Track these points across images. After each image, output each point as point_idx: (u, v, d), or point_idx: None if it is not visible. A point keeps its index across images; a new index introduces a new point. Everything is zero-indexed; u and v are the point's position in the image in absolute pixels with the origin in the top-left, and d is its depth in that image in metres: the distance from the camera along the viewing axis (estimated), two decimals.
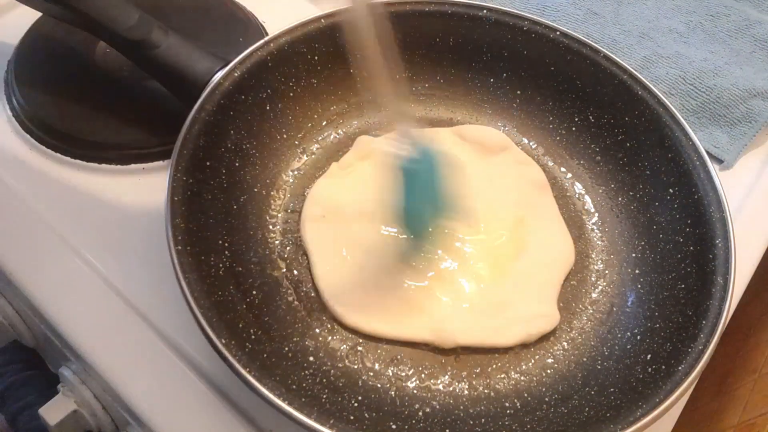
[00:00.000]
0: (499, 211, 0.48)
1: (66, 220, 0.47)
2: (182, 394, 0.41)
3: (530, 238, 0.47)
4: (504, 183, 0.50)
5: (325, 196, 0.48)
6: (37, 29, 0.57)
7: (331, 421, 0.34)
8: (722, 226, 0.43)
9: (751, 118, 0.57)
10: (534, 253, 0.47)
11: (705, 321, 0.39)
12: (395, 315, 0.43)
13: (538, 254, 0.47)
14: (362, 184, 0.48)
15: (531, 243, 0.47)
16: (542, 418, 0.39)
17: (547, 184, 0.50)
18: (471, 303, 0.44)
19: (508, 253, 0.46)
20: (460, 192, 0.43)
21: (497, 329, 0.43)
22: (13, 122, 0.52)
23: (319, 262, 0.45)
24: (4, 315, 0.49)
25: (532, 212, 0.49)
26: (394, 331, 0.42)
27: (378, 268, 0.45)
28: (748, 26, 0.64)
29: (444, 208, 0.43)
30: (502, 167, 0.51)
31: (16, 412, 0.56)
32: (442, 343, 0.42)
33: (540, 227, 0.48)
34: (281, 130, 0.50)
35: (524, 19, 0.52)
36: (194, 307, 0.37)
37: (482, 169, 0.51)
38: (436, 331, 0.42)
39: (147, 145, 0.51)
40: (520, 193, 0.50)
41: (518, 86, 0.54)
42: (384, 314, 0.43)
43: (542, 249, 0.47)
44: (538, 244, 0.47)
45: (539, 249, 0.47)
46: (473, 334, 0.42)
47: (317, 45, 0.51)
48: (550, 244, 0.47)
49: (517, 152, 0.52)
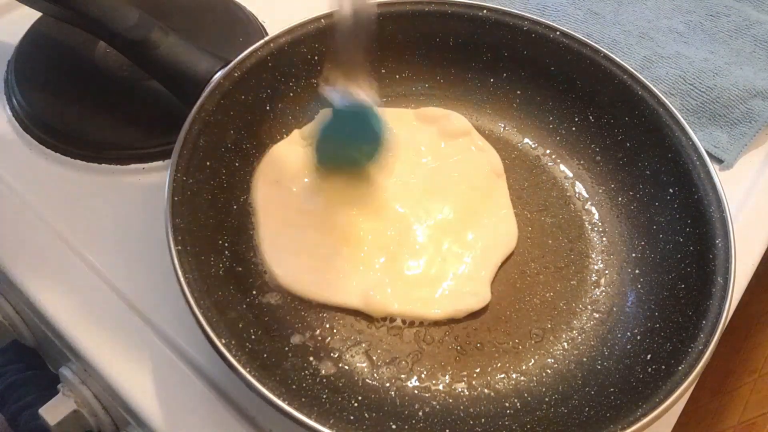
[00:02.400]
0: (450, 191, 0.49)
1: (66, 220, 0.47)
2: (182, 394, 0.41)
3: (475, 219, 0.48)
4: (459, 166, 0.51)
5: (283, 161, 0.48)
6: (37, 29, 0.57)
7: (331, 421, 0.35)
8: (722, 226, 0.43)
9: (751, 118, 0.57)
10: (476, 234, 0.47)
11: (705, 321, 0.39)
12: (328, 280, 0.44)
13: (479, 235, 0.47)
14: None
15: (475, 224, 0.48)
16: (542, 418, 0.39)
17: (503, 172, 0.51)
18: (404, 274, 0.45)
19: (450, 231, 0.47)
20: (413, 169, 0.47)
21: (427, 301, 0.44)
22: (13, 122, 0.52)
23: (264, 225, 0.45)
24: (4, 315, 0.49)
25: (483, 196, 0.49)
26: (325, 296, 0.43)
27: (320, 236, 0.45)
28: (748, 26, 0.64)
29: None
30: (460, 151, 0.52)
31: (16, 412, 0.56)
32: (371, 311, 0.43)
33: (487, 211, 0.49)
34: (281, 130, 0.50)
35: (524, 19, 0.52)
36: (194, 307, 0.37)
37: (439, 151, 0.51)
38: (366, 298, 0.43)
39: (147, 145, 0.51)
40: (473, 179, 0.50)
41: (518, 86, 0.54)
42: (317, 279, 0.44)
43: (485, 231, 0.48)
44: (482, 225, 0.48)
45: (482, 230, 0.48)
46: (402, 304, 0.43)
47: (317, 45, 0.51)
48: (494, 226, 0.48)
49: (477, 137, 0.52)
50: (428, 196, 0.49)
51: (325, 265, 0.44)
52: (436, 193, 0.49)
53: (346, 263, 0.45)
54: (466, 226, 0.48)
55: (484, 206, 0.49)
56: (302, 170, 0.48)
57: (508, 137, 0.53)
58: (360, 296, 0.43)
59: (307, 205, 0.47)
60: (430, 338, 0.43)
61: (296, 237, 0.45)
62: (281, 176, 0.47)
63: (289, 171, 0.48)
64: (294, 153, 0.49)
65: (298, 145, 0.50)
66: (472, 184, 0.50)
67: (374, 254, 0.45)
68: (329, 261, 0.45)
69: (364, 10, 0.40)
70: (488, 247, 0.47)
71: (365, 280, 0.44)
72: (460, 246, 0.47)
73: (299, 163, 0.48)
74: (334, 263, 0.45)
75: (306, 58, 0.50)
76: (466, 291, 0.45)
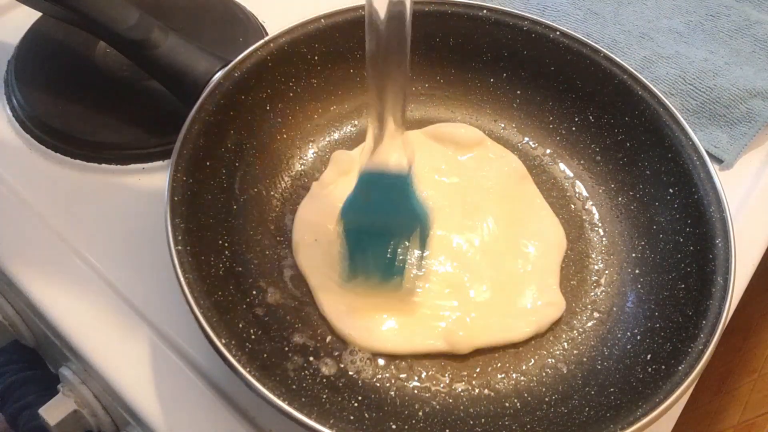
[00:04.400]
0: (485, 208, 0.48)
1: (66, 220, 0.47)
2: (182, 394, 0.41)
3: (520, 229, 0.48)
4: (485, 179, 0.50)
5: (312, 220, 0.46)
6: (37, 29, 0.57)
7: (331, 421, 0.34)
8: (722, 226, 0.43)
9: (751, 118, 0.57)
10: (528, 244, 0.47)
11: (705, 321, 0.39)
12: (406, 331, 0.42)
13: (531, 244, 0.47)
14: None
15: (522, 234, 0.47)
16: (542, 418, 0.39)
17: (527, 173, 0.51)
18: (477, 305, 0.44)
19: (503, 249, 0.47)
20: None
21: (508, 326, 0.43)
22: (13, 122, 0.52)
23: (320, 288, 0.44)
24: (4, 315, 0.49)
25: (518, 203, 0.49)
26: (409, 347, 0.42)
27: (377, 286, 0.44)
28: (748, 26, 0.64)
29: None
30: (480, 162, 0.51)
31: (16, 412, 0.56)
32: (458, 350, 0.42)
33: (528, 217, 0.48)
34: (281, 130, 0.50)
35: (524, 19, 0.52)
36: (194, 307, 0.37)
37: (460, 166, 0.51)
38: (450, 339, 0.42)
39: (147, 145, 0.51)
40: (503, 187, 0.50)
41: (518, 86, 0.54)
42: (395, 332, 0.42)
43: (534, 238, 0.47)
44: (530, 234, 0.47)
45: (532, 239, 0.47)
46: (487, 335, 0.42)
47: (317, 45, 0.51)
48: (541, 231, 0.48)
49: (493, 145, 0.52)
50: (468, 216, 0.48)
51: (396, 316, 0.43)
52: (474, 211, 0.48)
53: (416, 308, 0.43)
54: (516, 236, 0.47)
55: (523, 212, 0.48)
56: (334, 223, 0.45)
57: (508, 137, 0.53)
58: (443, 339, 0.42)
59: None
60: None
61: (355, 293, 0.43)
62: (317, 235, 0.46)
63: (322, 227, 0.46)
64: (319, 207, 0.47)
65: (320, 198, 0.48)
66: (504, 193, 0.49)
67: (440, 291, 0.44)
68: (399, 310, 0.43)
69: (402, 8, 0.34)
70: (544, 253, 0.46)
71: (441, 321, 0.43)
72: (519, 259, 0.46)
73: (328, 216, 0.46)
74: (403, 311, 0.43)
75: (306, 58, 0.50)
76: (542, 303, 0.44)
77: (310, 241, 0.45)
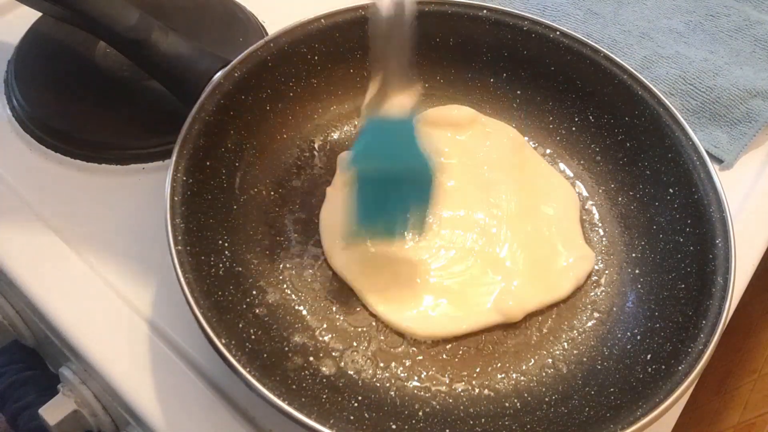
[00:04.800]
0: (497, 181, 0.50)
1: (66, 220, 0.47)
2: (182, 394, 0.41)
3: (535, 194, 0.49)
4: (488, 153, 0.51)
5: (337, 224, 0.46)
6: (37, 29, 0.57)
7: (331, 421, 0.35)
8: (722, 226, 0.43)
9: (751, 118, 0.57)
10: (544, 206, 0.49)
11: (705, 321, 0.39)
12: (460, 311, 0.44)
13: (549, 206, 0.49)
14: None
15: (538, 198, 0.49)
16: (542, 418, 0.39)
17: (524, 141, 0.52)
18: (517, 273, 0.45)
19: (524, 216, 0.48)
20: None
21: (551, 286, 0.45)
22: (13, 122, 0.52)
23: (368, 291, 0.44)
24: (4, 315, 0.49)
25: (525, 171, 0.51)
26: (468, 326, 0.43)
27: (420, 274, 0.45)
28: (748, 26, 0.64)
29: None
30: (479, 139, 0.52)
31: (16, 412, 0.56)
32: (512, 318, 0.43)
33: (538, 182, 0.50)
34: (281, 130, 0.50)
35: (524, 19, 0.52)
36: (194, 307, 0.37)
37: (461, 146, 0.52)
38: (502, 309, 0.43)
39: (147, 145, 0.51)
40: (507, 157, 0.51)
41: (518, 86, 0.54)
42: (451, 315, 0.43)
43: (550, 200, 0.49)
44: (544, 197, 0.49)
45: (548, 201, 0.49)
46: (534, 298, 0.44)
47: (317, 45, 0.51)
48: (554, 192, 0.50)
49: (487, 120, 0.53)
50: (483, 192, 0.49)
51: (447, 299, 0.44)
52: (486, 185, 0.49)
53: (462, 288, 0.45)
54: (533, 201, 0.49)
55: (532, 178, 0.50)
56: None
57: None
58: (495, 311, 0.43)
59: (388, 250, 0.45)
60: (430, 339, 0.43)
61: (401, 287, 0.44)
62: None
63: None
64: (340, 211, 0.47)
65: (336, 201, 0.48)
66: (509, 162, 0.51)
67: (480, 268, 0.45)
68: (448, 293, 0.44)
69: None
70: (563, 212, 0.49)
71: (488, 294, 0.44)
72: (541, 222, 0.48)
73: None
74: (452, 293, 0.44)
75: (306, 58, 0.50)
76: (573, 259, 0.46)
77: (342, 246, 0.46)
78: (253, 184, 0.47)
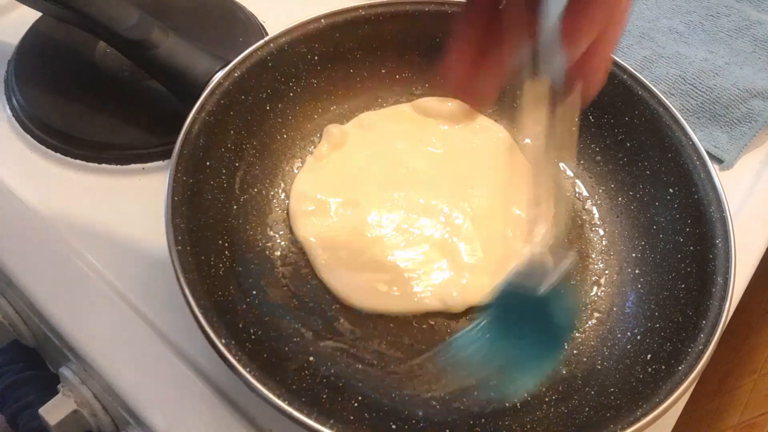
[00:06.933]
0: (474, 177, 0.50)
1: (66, 220, 0.47)
2: (182, 394, 0.41)
3: (510, 196, 0.49)
4: (473, 149, 0.52)
5: (309, 190, 0.48)
6: (37, 29, 0.57)
7: (331, 421, 0.34)
8: (722, 226, 0.43)
9: (751, 118, 0.57)
10: (516, 209, 0.49)
11: (705, 321, 0.39)
12: (402, 291, 0.44)
13: (521, 209, 0.48)
14: (341, 173, 0.50)
15: (512, 201, 0.49)
16: (542, 418, 0.39)
17: (514, 144, 0.52)
18: (469, 266, 0.46)
19: (491, 214, 0.48)
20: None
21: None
22: (13, 122, 0.52)
23: (320, 256, 0.45)
24: (4, 315, 0.49)
25: (507, 172, 0.51)
26: (406, 306, 0.44)
27: (375, 249, 0.46)
28: (748, 26, 0.64)
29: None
30: (468, 134, 0.53)
31: (16, 412, 0.56)
32: (451, 308, 0.44)
33: (517, 185, 0.50)
34: (281, 130, 0.50)
35: None
36: (194, 307, 0.37)
37: (448, 137, 0.52)
38: (444, 298, 0.44)
39: (147, 145, 0.51)
40: (491, 156, 0.52)
41: (518, 86, 0.54)
42: (392, 292, 0.44)
43: (523, 203, 0.48)
44: (519, 200, 0.49)
45: (520, 204, 0.49)
46: (478, 294, 0.44)
47: (317, 45, 0.51)
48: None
49: (481, 118, 0.53)
50: (458, 185, 0.50)
51: (392, 278, 0.45)
52: (463, 180, 0.50)
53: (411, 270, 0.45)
54: (506, 202, 0.49)
55: (512, 180, 0.50)
56: (331, 193, 0.48)
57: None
58: (436, 298, 0.44)
59: (350, 223, 0.47)
60: (430, 339, 0.43)
61: (353, 257, 0.46)
62: (314, 204, 0.48)
63: (319, 197, 0.48)
64: (316, 179, 0.49)
65: (315, 170, 0.50)
66: (492, 162, 0.51)
67: (437, 255, 0.46)
68: (395, 272, 0.45)
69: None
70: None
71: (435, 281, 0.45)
72: (509, 223, 0.48)
73: (325, 187, 0.48)
74: (399, 273, 0.45)
75: (306, 58, 0.50)
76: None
77: (308, 211, 0.47)
78: (253, 184, 0.47)
